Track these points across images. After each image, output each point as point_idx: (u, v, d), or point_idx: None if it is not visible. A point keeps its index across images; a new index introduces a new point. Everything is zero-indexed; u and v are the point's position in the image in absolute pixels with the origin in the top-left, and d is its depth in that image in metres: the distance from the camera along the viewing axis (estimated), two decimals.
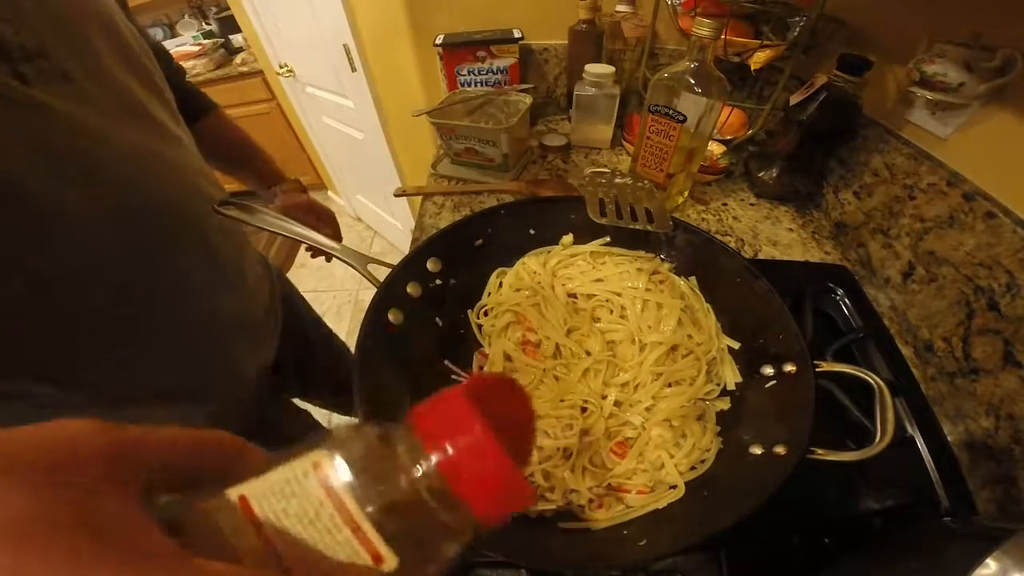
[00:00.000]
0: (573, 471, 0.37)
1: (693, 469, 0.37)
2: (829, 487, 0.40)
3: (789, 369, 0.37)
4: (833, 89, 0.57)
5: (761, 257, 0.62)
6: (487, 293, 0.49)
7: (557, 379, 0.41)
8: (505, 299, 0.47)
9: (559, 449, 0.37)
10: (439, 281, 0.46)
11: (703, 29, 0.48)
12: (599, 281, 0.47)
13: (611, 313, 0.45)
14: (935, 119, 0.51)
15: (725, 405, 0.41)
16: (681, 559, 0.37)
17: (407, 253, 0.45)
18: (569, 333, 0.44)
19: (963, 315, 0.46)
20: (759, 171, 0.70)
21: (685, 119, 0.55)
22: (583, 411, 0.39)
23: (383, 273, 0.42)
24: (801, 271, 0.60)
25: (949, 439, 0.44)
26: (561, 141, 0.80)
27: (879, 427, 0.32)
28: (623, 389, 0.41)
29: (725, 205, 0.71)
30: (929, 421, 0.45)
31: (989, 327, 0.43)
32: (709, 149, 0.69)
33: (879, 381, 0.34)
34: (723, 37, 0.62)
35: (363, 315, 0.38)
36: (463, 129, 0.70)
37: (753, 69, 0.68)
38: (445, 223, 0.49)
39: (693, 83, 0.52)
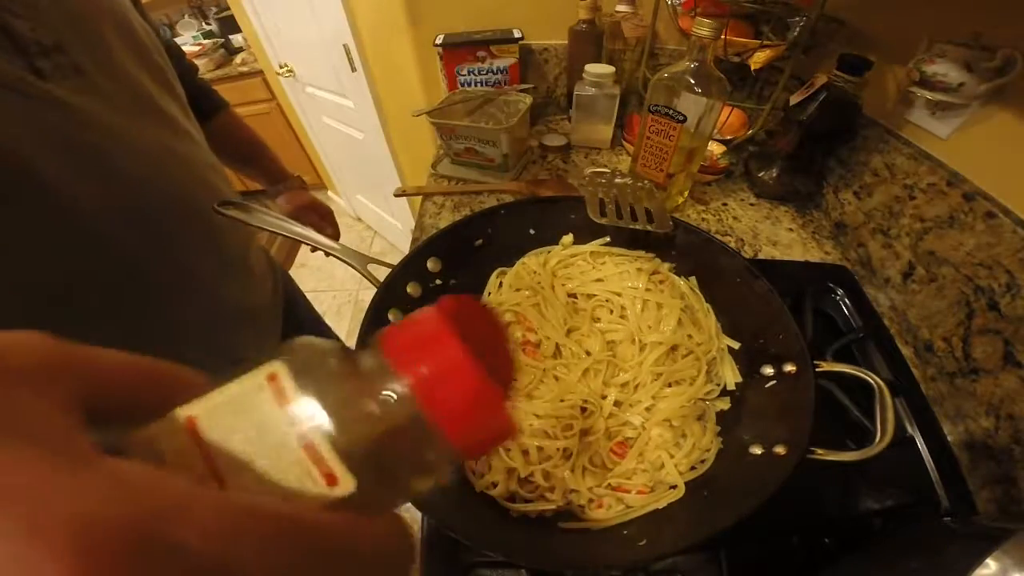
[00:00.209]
0: (573, 471, 0.37)
1: (693, 469, 0.37)
2: (829, 487, 0.40)
3: (789, 369, 0.37)
4: (833, 89, 0.57)
5: (761, 257, 0.62)
6: (487, 293, 0.49)
7: (557, 379, 0.41)
8: (505, 299, 0.47)
9: (559, 449, 0.37)
10: (439, 281, 0.46)
11: (703, 29, 0.48)
12: (599, 281, 0.47)
13: (611, 313, 0.45)
14: (935, 119, 0.51)
15: (725, 405, 0.41)
16: (681, 559, 0.37)
17: (407, 253, 0.45)
18: (569, 333, 0.44)
19: (963, 315, 0.46)
20: (759, 171, 0.70)
21: (685, 119, 0.55)
22: (583, 411, 0.39)
23: (383, 273, 0.42)
24: (801, 271, 0.59)
25: (949, 439, 0.44)
26: (561, 141, 0.80)
27: (879, 427, 0.32)
28: (623, 389, 0.41)
29: (725, 205, 0.71)
30: (929, 421, 0.45)
31: (989, 327, 0.43)
32: (709, 149, 0.69)
33: (879, 381, 0.34)
34: (723, 37, 0.62)
35: (363, 315, 0.38)
36: (463, 129, 0.70)
37: (753, 69, 0.68)
38: (445, 223, 0.49)
39: (693, 83, 0.52)
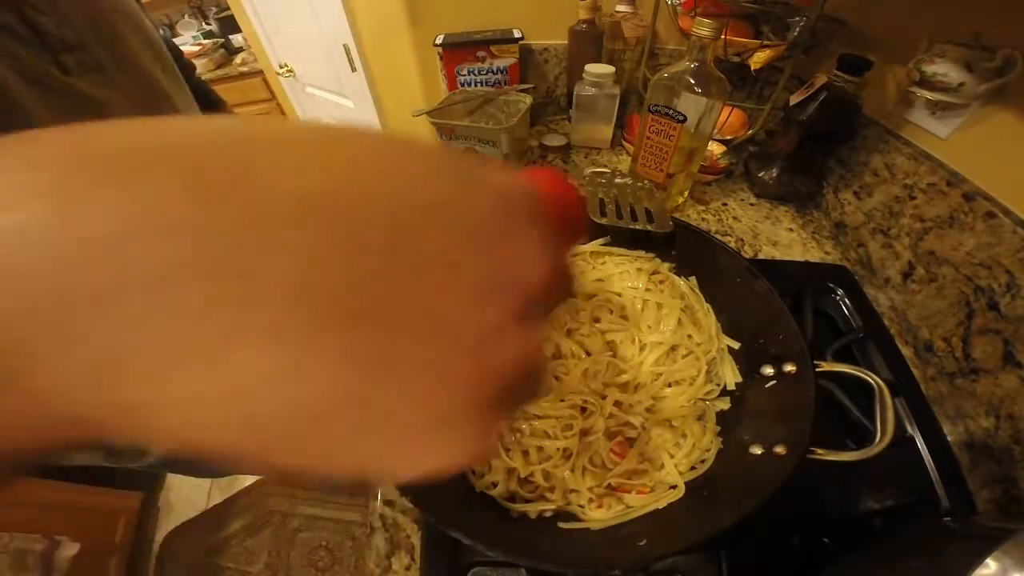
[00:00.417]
0: (573, 471, 0.37)
1: (693, 469, 0.38)
2: (829, 487, 0.40)
3: (789, 369, 0.38)
4: (833, 89, 0.57)
5: (761, 257, 0.62)
6: None
7: (557, 379, 0.41)
8: None
9: (559, 449, 0.37)
10: None
11: (703, 29, 0.48)
12: (599, 281, 0.47)
13: (611, 313, 0.45)
14: (935, 119, 0.51)
15: (725, 405, 0.41)
16: (681, 559, 0.37)
17: None
18: (569, 333, 0.44)
19: (963, 315, 0.46)
20: (759, 171, 0.70)
21: (685, 119, 0.55)
22: (583, 411, 0.39)
23: None
24: (801, 271, 0.59)
25: (949, 439, 0.44)
26: (561, 141, 0.80)
27: (879, 427, 0.32)
28: (623, 389, 0.41)
29: (725, 205, 0.71)
30: (929, 421, 0.45)
31: (989, 327, 0.43)
32: (709, 149, 0.68)
33: (879, 381, 0.34)
34: (723, 37, 0.62)
35: None
36: (463, 129, 0.70)
37: (753, 69, 0.68)
38: None
39: (693, 83, 0.52)
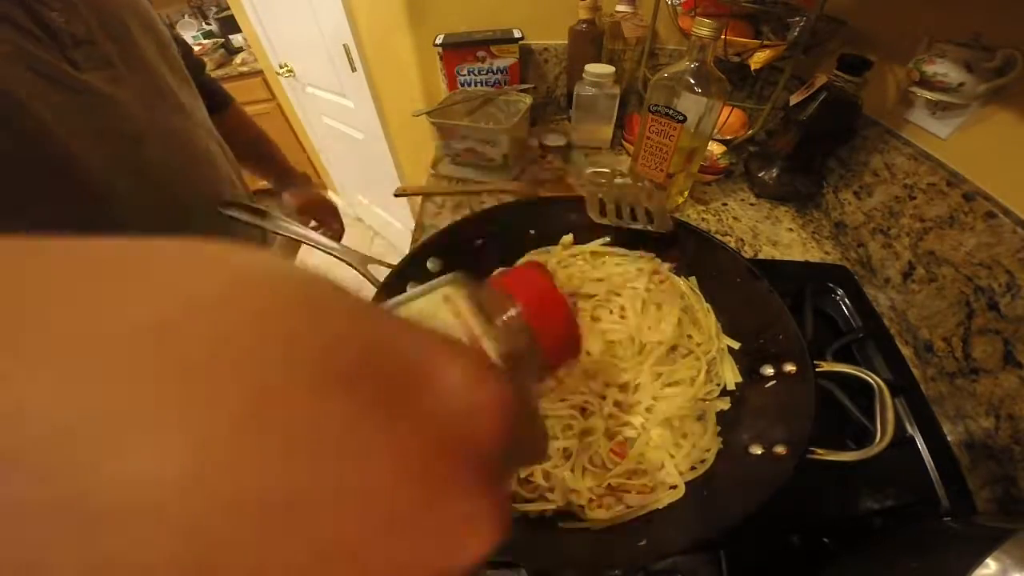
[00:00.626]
0: (573, 471, 0.37)
1: (693, 469, 0.37)
2: (829, 487, 0.40)
3: (789, 369, 0.37)
4: (833, 89, 0.57)
5: (761, 257, 0.62)
6: None
7: (557, 379, 0.41)
8: None
9: (559, 449, 0.37)
10: None
11: (703, 29, 0.48)
12: (599, 281, 0.47)
13: (611, 313, 0.45)
14: (935, 119, 0.51)
15: (725, 405, 0.41)
16: (681, 559, 0.37)
17: (407, 253, 0.45)
18: None
19: (963, 315, 0.46)
20: (759, 171, 0.70)
21: (685, 119, 0.55)
22: (583, 411, 0.39)
23: (383, 273, 0.42)
24: (801, 271, 0.59)
25: (949, 439, 0.44)
26: (561, 141, 0.80)
27: (879, 427, 0.32)
28: (623, 389, 0.41)
29: (725, 205, 0.71)
30: (929, 421, 0.45)
31: (989, 327, 0.43)
32: (709, 149, 0.69)
33: (879, 381, 0.34)
34: (723, 37, 0.62)
35: None
36: (463, 129, 0.70)
37: (753, 69, 0.68)
38: (445, 223, 0.49)
39: (693, 83, 0.52)
